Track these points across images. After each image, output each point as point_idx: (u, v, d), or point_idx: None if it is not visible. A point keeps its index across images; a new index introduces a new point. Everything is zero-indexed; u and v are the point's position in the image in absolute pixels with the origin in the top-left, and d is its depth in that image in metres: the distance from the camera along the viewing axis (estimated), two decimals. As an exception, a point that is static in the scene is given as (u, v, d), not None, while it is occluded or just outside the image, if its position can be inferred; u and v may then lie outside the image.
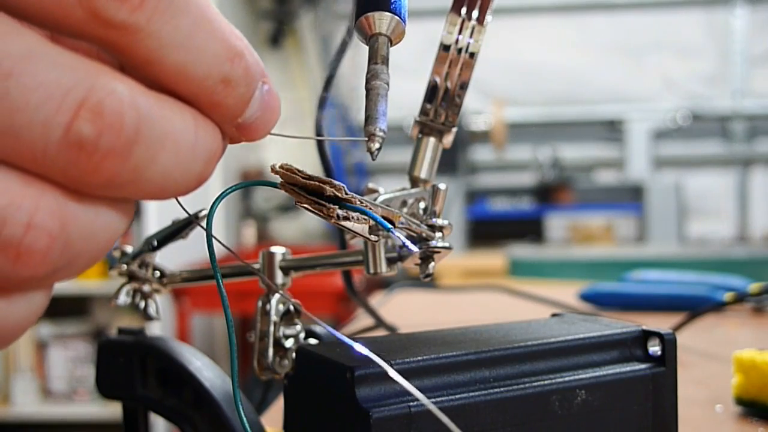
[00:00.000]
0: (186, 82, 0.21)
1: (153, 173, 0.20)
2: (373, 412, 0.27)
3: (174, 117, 0.21)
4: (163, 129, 0.20)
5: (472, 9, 0.38)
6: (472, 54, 0.38)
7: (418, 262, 0.34)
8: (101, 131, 0.19)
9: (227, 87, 0.22)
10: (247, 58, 0.22)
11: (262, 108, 0.23)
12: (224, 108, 0.22)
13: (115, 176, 0.19)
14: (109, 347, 0.38)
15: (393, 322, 0.70)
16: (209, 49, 0.21)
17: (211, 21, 0.21)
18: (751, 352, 0.47)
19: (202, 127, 0.22)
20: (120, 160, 0.19)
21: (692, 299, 0.81)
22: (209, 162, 0.22)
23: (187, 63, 0.21)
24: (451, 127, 0.39)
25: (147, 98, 0.20)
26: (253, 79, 0.22)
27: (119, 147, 0.19)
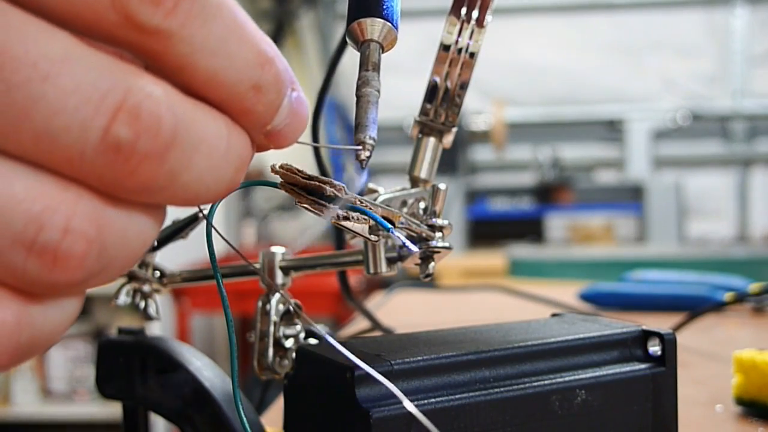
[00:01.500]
0: (217, 88, 0.21)
1: (187, 178, 0.20)
2: (373, 412, 0.27)
3: (208, 122, 0.21)
4: (197, 134, 0.20)
5: (472, 9, 0.38)
6: (472, 54, 0.38)
7: (418, 262, 0.34)
8: (139, 134, 0.19)
9: (258, 93, 0.21)
10: (278, 64, 0.22)
11: (290, 115, 0.23)
12: (254, 114, 0.22)
13: (151, 180, 0.19)
14: (109, 347, 0.38)
15: (393, 322, 0.70)
16: (241, 55, 0.21)
17: (243, 26, 0.21)
18: (751, 352, 0.47)
19: (235, 134, 0.21)
20: (156, 164, 0.19)
21: (692, 299, 0.81)
22: (240, 169, 0.22)
23: (218, 69, 0.20)
24: (451, 127, 0.39)
25: (182, 102, 0.20)
26: (283, 86, 0.22)
27: (156, 150, 0.19)
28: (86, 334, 2.63)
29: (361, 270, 0.36)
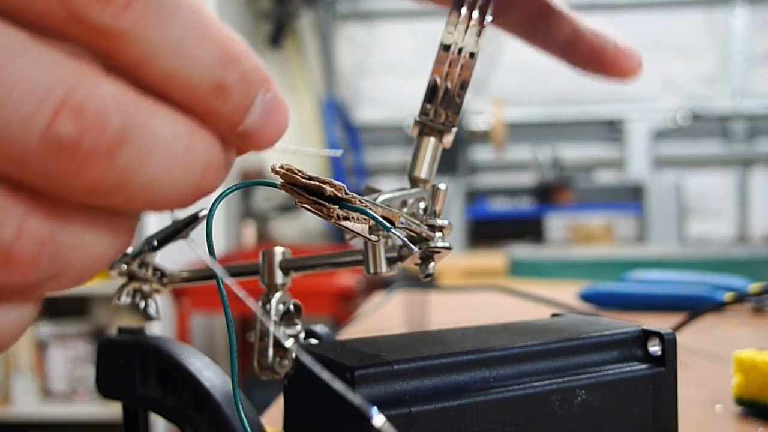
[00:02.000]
0: (177, 89, 0.20)
1: (142, 179, 0.19)
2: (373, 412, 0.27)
3: (165, 122, 0.20)
4: (152, 133, 0.19)
5: (472, 9, 0.38)
6: (472, 54, 0.38)
7: (418, 262, 0.34)
8: (83, 131, 0.18)
9: (221, 94, 0.21)
10: (244, 63, 0.21)
11: (264, 116, 0.22)
12: (220, 116, 0.21)
13: (100, 180, 0.19)
14: (109, 347, 0.38)
15: (393, 322, 0.70)
16: (201, 55, 0.20)
17: (204, 25, 0.20)
18: (751, 352, 0.47)
19: (198, 135, 0.21)
20: (104, 162, 0.18)
21: (692, 299, 0.81)
22: (207, 171, 0.21)
23: (176, 69, 0.20)
24: (451, 127, 0.39)
25: (135, 101, 0.19)
26: (251, 86, 0.21)
27: (102, 148, 0.18)
28: (86, 334, 2.63)
29: (361, 270, 0.36)
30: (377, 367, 0.29)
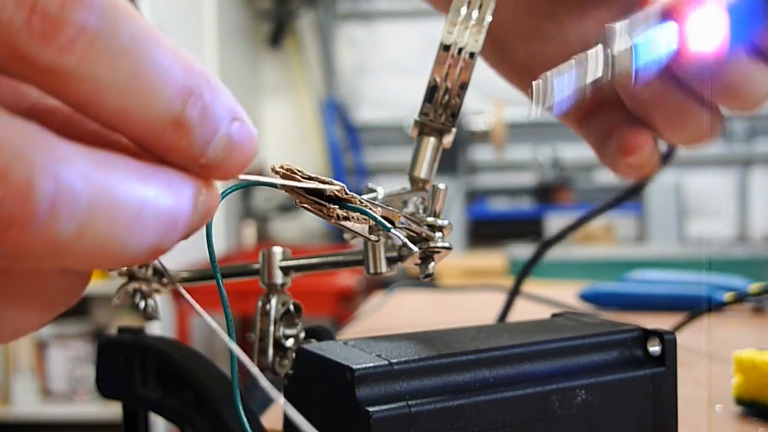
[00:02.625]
0: (130, 126, 0.19)
1: (81, 246, 0.18)
2: (373, 412, 0.27)
3: (111, 181, 0.18)
4: (92, 197, 0.18)
5: (472, 9, 0.38)
6: (472, 54, 0.38)
7: (418, 262, 0.34)
8: (4, 195, 0.17)
9: (179, 129, 0.19)
10: (206, 96, 0.20)
11: (229, 148, 0.20)
12: (179, 151, 0.20)
13: (27, 248, 0.17)
14: (109, 347, 0.38)
15: (393, 322, 0.70)
16: (156, 91, 0.19)
17: (159, 59, 0.19)
18: (751, 352, 0.46)
19: (154, 187, 0.19)
20: (28, 231, 0.17)
21: (692, 299, 0.81)
22: (167, 230, 0.20)
23: (129, 106, 0.19)
24: (451, 127, 0.39)
25: (71, 161, 0.18)
26: (213, 120, 0.20)
27: (25, 216, 0.17)
28: (86, 334, 2.63)
29: (361, 270, 0.36)
30: (377, 367, 0.29)
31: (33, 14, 0.17)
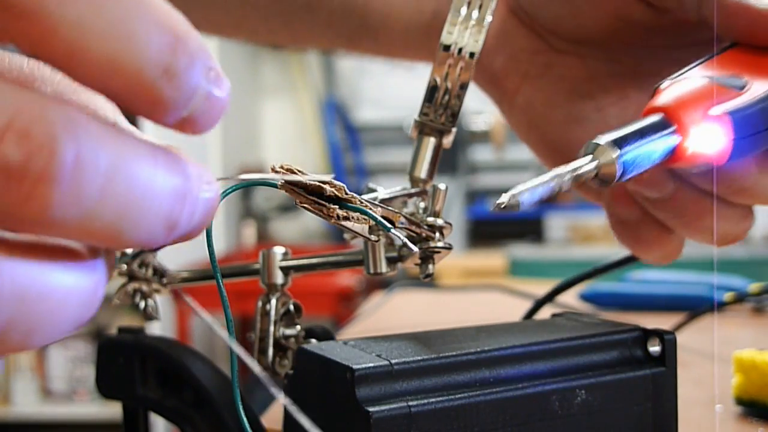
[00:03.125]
0: (119, 76, 0.18)
1: (104, 214, 0.18)
2: (373, 412, 0.27)
3: (128, 148, 0.18)
4: (111, 160, 0.18)
5: (472, 9, 0.38)
6: (472, 54, 0.38)
7: (418, 262, 0.34)
8: (30, 153, 0.17)
9: (171, 79, 0.18)
10: (192, 43, 0.19)
11: (209, 97, 0.20)
12: (167, 103, 0.19)
13: (53, 207, 0.17)
14: (109, 347, 0.38)
15: (393, 322, 0.70)
16: (145, 35, 0.18)
17: (145, 1, 0.18)
18: (751, 352, 0.46)
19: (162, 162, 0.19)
20: (56, 187, 0.17)
21: (692, 299, 0.81)
22: (176, 201, 0.19)
23: (118, 52, 0.18)
24: (451, 127, 0.39)
25: (91, 126, 0.18)
26: (198, 67, 0.19)
27: (52, 171, 0.17)
28: (86, 334, 2.63)
29: (361, 270, 0.36)
30: (377, 367, 0.29)
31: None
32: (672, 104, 0.31)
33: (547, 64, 0.42)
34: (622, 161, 0.29)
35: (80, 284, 0.19)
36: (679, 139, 0.31)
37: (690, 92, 0.31)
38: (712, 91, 0.31)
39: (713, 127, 0.30)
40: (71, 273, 0.19)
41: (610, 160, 0.29)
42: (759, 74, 0.33)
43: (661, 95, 0.32)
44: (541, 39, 0.42)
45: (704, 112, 0.31)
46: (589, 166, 0.29)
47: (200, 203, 0.20)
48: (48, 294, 0.18)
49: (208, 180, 0.21)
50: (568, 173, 0.28)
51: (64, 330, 0.19)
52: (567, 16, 0.40)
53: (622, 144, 0.29)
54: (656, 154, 0.30)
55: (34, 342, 0.18)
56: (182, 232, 0.20)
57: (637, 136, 0.30)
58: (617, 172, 0.29)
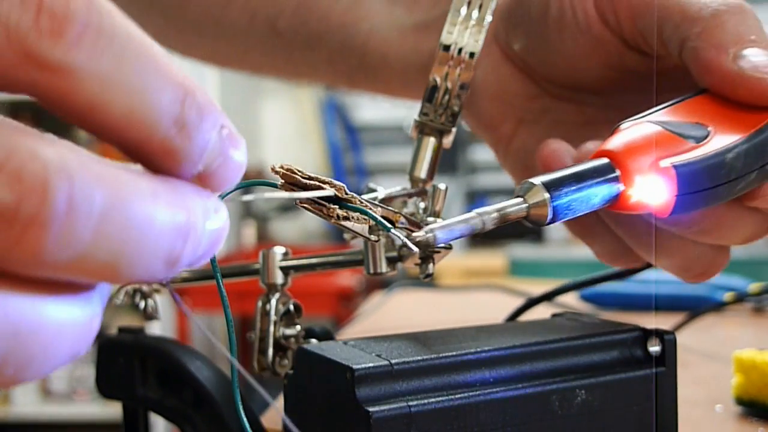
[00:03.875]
0: (135, 129, 0.19)
1: (97, 254, 0.18)
2: (373, 412, 0.27)
3: (122, 187, 0.18)
4: (106, 201, 0.18)
5: (472, 9, 0.38)
6: (472, 54, 0.38)
7: (418, 262, 0.34)
8: (21, 196, 0.17)
9: (182, 131, 0.19)
10: (199, 97, 0.20)
11: (223, 153, 0.20)
12: (180, 155, 0.19)
13: (45, 250, 0.17)
14: (109, 347, 0.38)
15: (393, 322, 0.70)
16: (159, 89, 0.19)
17: (156, 57, 0.19)
18: (751, 352, 0.47)
19: (163, 198, 0.19)
20: (47, 230, 0.17)
21: (692, 299, 0.81)
22: (177, 236, 0.19)
23: (135, 105, 0.18)
24: (451, 127, 0.39)
25: (87, 166, 0.17)
26: (208, 121, 0.20)
27: (44, 215, 0.17)
28: (86, 334, 2.62)
29: (361, 270, 0.36)
30: (377, 367, 0.29)
31: (40, 13, 0.17)
32: (619, 150, 0.29)
33: (543, 110, 0.42)
34: (555, 204, 0.28)
35: (75, 317, 0.19)
36: (621, 187, 0.29)
37: (640, 139, 0.30)
38: (664, 141, 0.30)
39: (657, 179, 0.29)
40: (66, 306, 0.19)
41: (541, 203, 0.28)
42: (724, 126, 0.31)
43: (612, 139, 0.30)
44: (537, 85, 0.42)
45: (652, 161, 0.29)
46: (518, 207, 0.28)
47: (206, 236, 0.20)
48: (42, 328, 0.18)
49: (215, 209, 0.20)
50: (494, 212, 0.27)
51: (59, 363, 0.19)
52: (561, 65, 0.40)
53: (556, 187, 0.28)
54: (596, 199, 0.29)
55: (29, 375, 0.18)
56: (186, 265, 0.20)
57: (575, 180, 0.28)
58: (548, 215, 0.28)
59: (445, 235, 0.26)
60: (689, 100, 0.33)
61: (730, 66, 0.32)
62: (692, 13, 0.33)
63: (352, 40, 0.44)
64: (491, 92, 0.42)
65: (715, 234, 0.34)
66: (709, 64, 0.32)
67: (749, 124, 0.31)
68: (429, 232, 0.25)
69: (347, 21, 0.44)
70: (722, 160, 0.30)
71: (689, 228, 0.33)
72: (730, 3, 0.33)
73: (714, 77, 0.32)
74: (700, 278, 0.37)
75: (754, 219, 0.34)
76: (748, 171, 0.30)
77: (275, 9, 0.46)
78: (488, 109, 0.42)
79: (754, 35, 0.32)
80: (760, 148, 0.31)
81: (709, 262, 0.36)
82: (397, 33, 0.43)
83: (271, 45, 0.48)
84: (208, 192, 0.20)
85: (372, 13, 0.44)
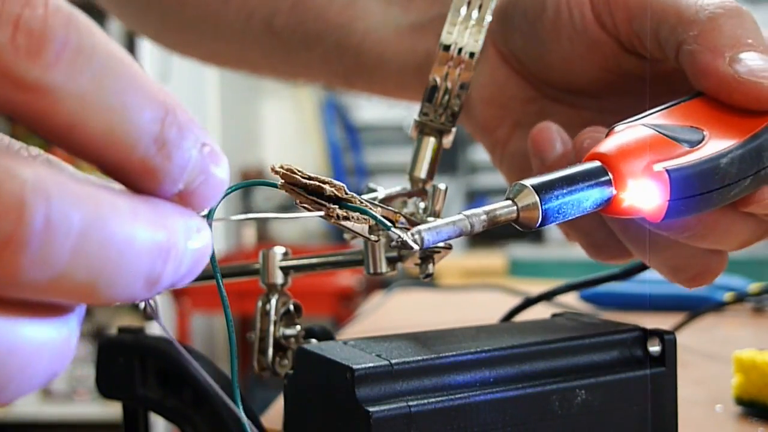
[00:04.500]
0: (114, 147, 0.18)
1: (75, 275, 0.18)
2: (373, 412, 0.27)
3: (101, 207, 0.18)
4: (83, 221, 0.17)
5: (472, 9, 0.38)
6: (472, 54, 0.38)
7: (418, 262, 0.34)
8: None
9: (162, 150, 0.19)
10: (180, 115, 0.19)
11: (204, 172, 0.20)
12: (160, 174, 0.19)
13: (22, 272, 0.17)
14: (109, 347, 0.38)
15: (393, 322, 0.70)
16: (138, 107, 0.18)
17: (136, 75, 0.19)
18: (751, 352, 0.46)
19: (143, 217, 0.19)
20: (24, 251, 0.17)
21: (692, 299, 0.81)
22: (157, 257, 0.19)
23: (114, 125, 0.18)
24: (451, 127, 0.39)
25: (64, 185, 0.17)
26: (188, 139, 0.19)
27: (20, 236, 0.17)
28: (86, 334, 2.62)
29: (361, 270, 0.36)
30: (377, 367, 0.29)
31: (17, 31, 0.17)
32: (611, 154, 0.29)
33: (540, 113, 0.42)
34: (545, 208, 0.27)
35: (52, 337, 0.19)
36: (613, 191, 0.29)
37: (634, 142, 0.29)
38: (658, 144, 0.30)
39: (650, 183, 0.29)
40: (42, 326, 0.18)
41: (531, 206, 0.27)
42: (719, 130, 0.31)
43: (605, 142, 0.30)
44: (534, 87, 0.42)
45: (645, 165, 0.29)
46: (508, 209, 0.28)
47: (187, 255, 0.20)
48: (19, 349, 0.18)
49: (198, 228, 0.20)
50: (483, 214, 0.27)
51: (37, 384, 0.19)
52: (557, 68, 0.39)
53: (547, 190, 0.28)
54: (587, 203, 0.28)
55: (6, 397, 0.18)
56: (167, 285, 0.20)
57: (566, 183, 0.28)
58: (538, 218, 0.27)
59: (432, 237, 0.26)
60: (684, 103, 0.33)
61: (726, 69, 0.31)
62: (689, 16, 0.33)
63: (348, 40, 0.44)
64: (487, 95, 0.42)
65: (709, 239, 0.33)
66: (705, 67, 0.32)
67: (744, 129, 0.31)
68: (416, 234, 0.25)
69: (343, 21, 0.44)
70: (716, 165, 0.30)
71: (682, 232, 0.33)
72: (727, 6, 0.33)
73: (710, 81, 0.32)
74: (695, 281, 0.37)
75: (748, 224, 0.33)
76: (742, 177, 0.30)
77: (271, 8, 0.46)
78: (484, 111, 0.42)
79: (751, 39, 0.32)
80: (755, 153, 0.30)
81: (703, 265, 0.36)
82: (393, 33, 0.43)
83: (267, 45, 0.48)
84: (190, 211, 0.20)
85: (368, 13, 0.44)
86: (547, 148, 0.37)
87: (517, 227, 0.28)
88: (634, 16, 0.35)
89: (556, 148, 0.36)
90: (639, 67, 0.37)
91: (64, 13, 0.18)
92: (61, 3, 0.18)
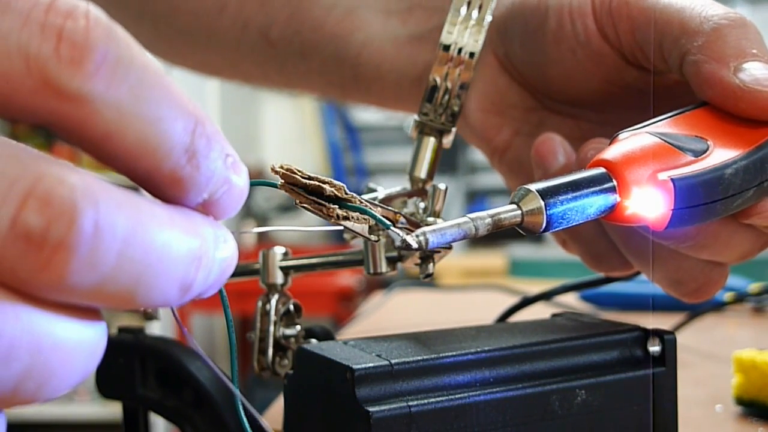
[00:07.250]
0: (148, 157, 0.19)
1: (118, 281, 0.18)
2: (373, 412, 0.27)
3: (144, 212, 0.18)
4: (129, 223, 0.18)
5: (472, 9, 0.38)
6: (472, 54, 0.38)
7: (418, 262, 0.34)
8: (50, 221, 0.17)
9: (192, 160, 0.20)
10: (208, 127, 0.20)
11: (227, 182, 0.21)
12: (188, 184, 0.20)
13: (70, 275, 0.17)
14: (109, 347, 0.38)
15: (393, 322, 0.70)
16: (172, 119, 0.19)
17: (169, 87, 0.19)
18: (751, 352, 0.47)
19: (179, 224, 0.19)
20: (74, 255, 0.17)
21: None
22: (191, 263, 0.19)
23: (149, 135, 0.19)
24: (451, 127, 0.39)
25: (109, 192, 0.18)
26: (216, 150, 0.20)
27: (72, 239, 0.17)
28: (86, 334, 2.62)
29: (361, 270, 0.36)
30: (377, 367, 0.29)
31: (61, 42, 0.17)
32: (616, 161, 0.29)
33: (540, 123, 0.41)
34: (549, 213, 0.27)
35: (87, 335, 0.19)
36: (617, 198, 0.29)
37: (639, 150, 0.29)
38: (662, 153, 0.29)
39: (654, 192, 0.29)
40: (79, 324, 0.19)
41: (536, 210, 0.27)
42: (723, 140, 0.31)
43: (610, 149, 0.30)
44: (534, 97, 0.41)
45: (649, 173, 0.29)
46: (513, 213, 0.28)
47: (216, 264, 0.20)
48: (60, 345, 0.18)
49: (225, 238, 0.21)
50: (487, 218, 0.27)
51: (73, 382, 0.19)
52: (559, 79, 0.39)
53: (551, 195, 0.27)
54: (592, 209, 0.28)
55: (47, 393, 0.19)
56: (197, 292, 0.20)
57: (571, 189, 0.28)
58: (542, 223, 0.27)
59: (437, 239, 0.26)
60: (689, 112, 0.33)
61: (731, 79, 0.31)
62: (693, 27, 0.33)
63: (346, 51, 0.44)
64: (488, 103, 0.41)
65: (710, 250, 0.33)
66: (710, 77, 0.32)
67: (749, 139, 0.31)
68: (421, 236, 0.25)
69: (341, 32, 0.44)
70: (721, 175, 0.29)
71: (683, 242, 0.33)
72: (731, 17, 0.33)
73: (715, 90, 0.32)
74: (695, 295, 0.37)
75: (748, 236, 0.33)
76: (746, 188, 0.30)
77: (268, 19, 0.45)
78: (483, 119, 0.42)
79: (756, 49, 0.32)
80: (759, 164, 0.31)
81: (704, 278, 0.36)
82: (391, 44, 0.43)
83: (263, 55, 0.47)
84: (217, 221, 0.21)
85: (366, 24, 0.43)
86: (550, 160, 0.37)
87: (521, 232, 0.28)
88: (638, 27, 0.35)
89: (558, 160, 0.37)
90: (640, 80, 0.37)
91: (104, 26, 0.18)
92: (101, 15, 0.18)
